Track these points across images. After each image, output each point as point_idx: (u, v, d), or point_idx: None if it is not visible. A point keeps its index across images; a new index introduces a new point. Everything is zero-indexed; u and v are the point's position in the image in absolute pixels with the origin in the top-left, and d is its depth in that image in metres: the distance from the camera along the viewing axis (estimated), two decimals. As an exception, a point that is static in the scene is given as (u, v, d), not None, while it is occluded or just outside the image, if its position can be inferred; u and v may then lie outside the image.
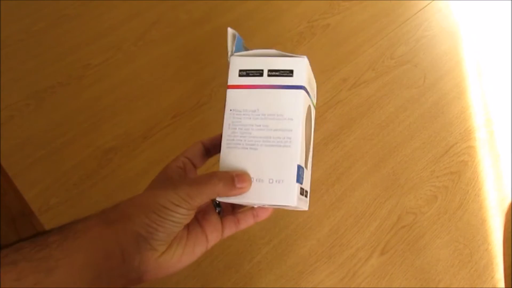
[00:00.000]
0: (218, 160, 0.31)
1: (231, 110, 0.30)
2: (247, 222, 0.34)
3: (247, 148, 0.30)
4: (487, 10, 0.78)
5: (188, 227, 0.31)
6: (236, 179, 0.28)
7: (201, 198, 0.28)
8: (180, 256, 0.30)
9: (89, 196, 0.55)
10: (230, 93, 0.31)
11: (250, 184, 0.29)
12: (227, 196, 0.28)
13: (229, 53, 0.31)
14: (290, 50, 0.70)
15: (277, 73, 0.30)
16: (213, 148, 0.35)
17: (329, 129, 0.63)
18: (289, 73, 0.30)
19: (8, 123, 0.60)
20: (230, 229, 0.34)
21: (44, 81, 0.64)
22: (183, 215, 0.28)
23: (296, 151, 0.29)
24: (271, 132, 0.29)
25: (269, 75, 0.30)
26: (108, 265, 0.27)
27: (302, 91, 0.30)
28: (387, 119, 0.64)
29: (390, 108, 0.66)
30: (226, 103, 0.31)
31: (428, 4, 0.77)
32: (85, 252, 0.26)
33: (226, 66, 0.32)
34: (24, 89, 0.63)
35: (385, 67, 0.69)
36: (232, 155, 0.30)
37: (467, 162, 0.62)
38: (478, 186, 0.60)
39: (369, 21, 0.74)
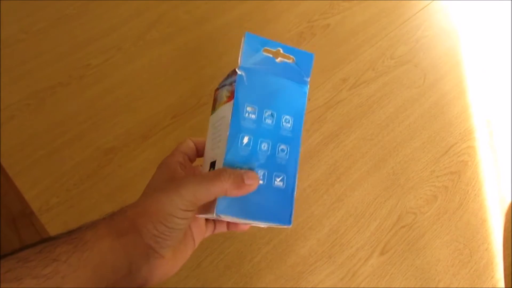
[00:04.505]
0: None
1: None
2: (222, 227, 0.36)
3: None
4: (487, 10, 0.78)
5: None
6: (245, 175, 0.28)
7: (209, 197, 0.27)
8: (180, 259, 0.30)
9: (89, 196, 0.55)
10: None
11: (258, 183, 0.29)
12: (234, 195, 0.28)
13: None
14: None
15: None
16: (202, 149, 0.35)
17: (329, 129, 0.63)
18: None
19: (8, 123, 0.60)
20: (209, 231, 0.35)
21: (44, 81, 0.64)
22: (189, 218, 0.28)
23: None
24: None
25: None
26: (115, 279, 0.26)
27: None
28: (387, 119, 0.64)
29: (390, 108, 0.66)
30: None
31: (428, 4, 0.77)
32: (93, 267, 0.25)
33: (226, 66, 0.32)
34: (24, 89, 0.63)
35: (385, 67, 0.69)
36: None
37: (467, 162, 0.62)
38: (478, 186, 0.60)
39: (369, 21, 0.74)
